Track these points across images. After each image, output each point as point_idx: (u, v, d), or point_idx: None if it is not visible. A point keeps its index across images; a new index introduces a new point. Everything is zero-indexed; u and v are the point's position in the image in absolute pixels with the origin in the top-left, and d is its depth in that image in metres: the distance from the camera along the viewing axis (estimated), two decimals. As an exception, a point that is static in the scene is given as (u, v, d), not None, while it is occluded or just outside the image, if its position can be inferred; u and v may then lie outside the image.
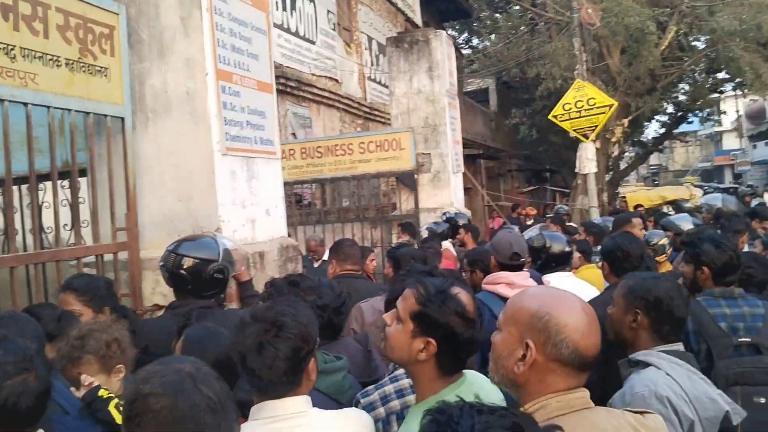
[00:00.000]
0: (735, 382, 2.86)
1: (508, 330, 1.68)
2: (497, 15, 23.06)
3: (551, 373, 1.62)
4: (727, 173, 60.44)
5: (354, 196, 10.67)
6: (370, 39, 16.49)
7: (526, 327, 1.64)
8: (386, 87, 15.74)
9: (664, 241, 5.91)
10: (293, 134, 11.68)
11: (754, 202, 14.26)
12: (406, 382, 2.32)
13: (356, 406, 2.28)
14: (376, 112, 15.76)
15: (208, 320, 2.88)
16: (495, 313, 3.45)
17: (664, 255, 5.77)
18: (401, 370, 2.36)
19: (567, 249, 5.11)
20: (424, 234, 7.56)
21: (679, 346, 2.48)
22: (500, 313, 1.74)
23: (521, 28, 19.53)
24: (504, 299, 3.82)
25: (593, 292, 4.60)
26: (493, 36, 22.60)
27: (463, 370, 1.97)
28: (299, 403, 1.92)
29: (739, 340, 2.99)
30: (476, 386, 1.97)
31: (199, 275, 3.29)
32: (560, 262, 5.04)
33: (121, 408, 2.22)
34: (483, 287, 3.95)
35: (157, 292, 3.93)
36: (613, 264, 3.80)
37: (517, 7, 20.27)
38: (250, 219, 4.39)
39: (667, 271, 5.09)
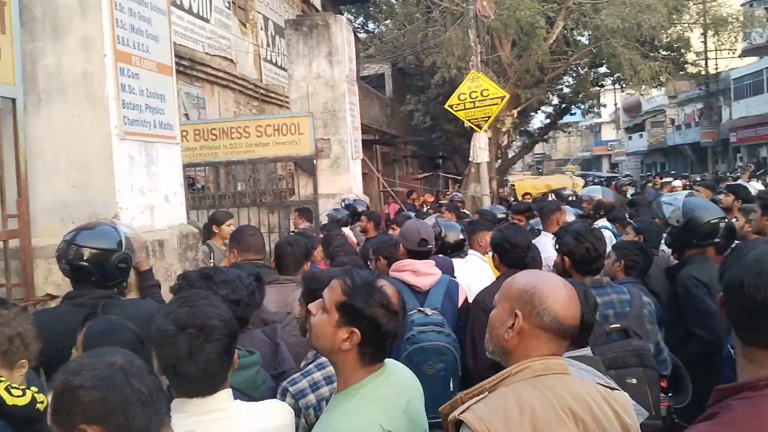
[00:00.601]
0: (610, 366, 3.02)
1: (502, 305, 1.92)
2: (393, 1, 23.23)
3: (535, 339, 1.84)
4: (605, 163, 63.99)
5: (250, 180, 10.51)
6: (266, 19, 16.19)
7: (515, 300, 1.88)
8: (283, 69, 15.55)
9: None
10: (186, 115, 11.31)
11: (630, 191, 15.21)
12: (332, 368, 2.36)
13: (284, 394, 2.30)
14: (273, 95, 15.53)
15: (114, 312, 2.79)
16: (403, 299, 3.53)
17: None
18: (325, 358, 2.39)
19: (461, 237, 5.32)
20: (324, 220, 7.59)
21: (587, 351, 2.62)
22: (497, 292, 1.97)
23: (416, 15, 19.75)
24: (409, 286, 3.93)
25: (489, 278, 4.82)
26: (389, 22, 22.74)
27: (385, 360, 2.02)
28: (224, 397, 1.95)
29: (610, 326, 3.24)
30: (396, 376, 2.03)
31: (103, 266, 3.15)
32: (455, 250, 5.23)
33: (11, 390, 2.22)
34: (390, 274, 4.01)
35: (50, 281, 3.74)
36: (502, 255, 3.97)
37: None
38: (149, 206, 4.26)
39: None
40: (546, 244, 5.14)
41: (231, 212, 7.61)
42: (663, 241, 4.74)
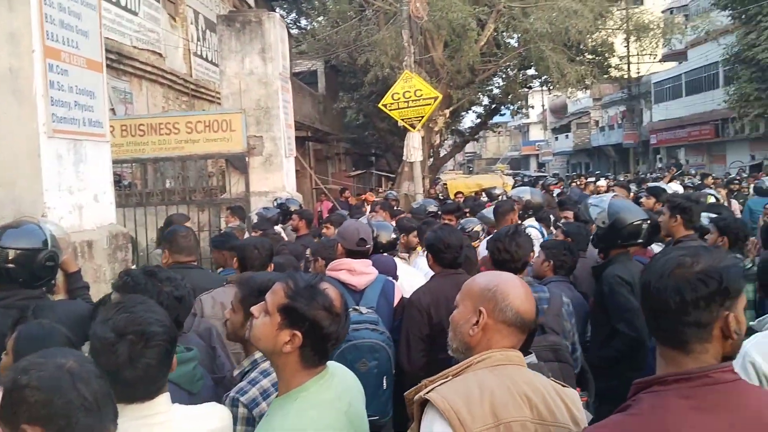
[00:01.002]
0: None
1: (464, 304, 2.03)
2: (326, -2, 23.17)
3: (498, 333, 1.96)
4: (533, 162, 65.60)
5: (179, 177, 10.32)
6: (196, 13, 15.89)
7: (478, 298, 1.99)
8: (214, 64, 15.30)
9: (478, 227, 6.40)
10: (112, 110, 11.00)
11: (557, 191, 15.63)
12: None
13: (235, 404, 2.28)
14: (203, 90, 15.26)
15: (45, 314, 2.71)
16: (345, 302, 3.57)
17: (478, 240, 6.20)
18: (267, 363, 2.39)
19: (393, 236, 5.39)
20: (254, 219, 7.52)
21: (532, 358, 2.71)
22: (458, 293, 2.08)
23: (350, 13, 19.76)
24: (345, 285, 3.96)
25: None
26: (321, 19, 22.66)
27: (327, 363, 2.04)
28: (163, 401, 1.95)
29: None
30: (338, 378, 2.05)
31: (29, 266, 3.06)
32: (387, 249, 5.29)
33: None
34: (326, 274, 4.04)
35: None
36: (436, 255, 4.04)
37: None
38: (78, 205, 4.15)
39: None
40: None
41: (161, 210, 7.48)
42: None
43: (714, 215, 5.40)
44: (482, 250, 5.12)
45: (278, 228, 7.48)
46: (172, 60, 14.11)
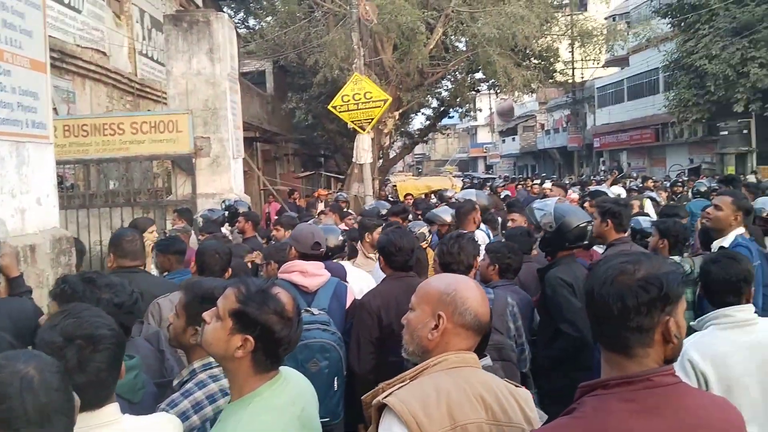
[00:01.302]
0: None
1: (421, 308, 2.03)
2: (275, -2, 23.02)
3: (456, 337, 1.98)
4: (481, 164, 66.43)
5: (123, 179, 10.12)
6: (142, 12, 15.60)
7: (437, 303, 2.00)
8: (160, 64, 15.03)
9: (425, 229, 6.48)
10: (54, 110, 10.71)
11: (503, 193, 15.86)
12: (215, 386, 2.34)
13: None
14: (148, 90, 14.99)
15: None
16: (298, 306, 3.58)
17: (425, 242, 6.28)
18: (205, 374, 2.37)
19: (340, 239, 5.40)
20: (200, 221, 7.43)
21: (487, 361, 2.77)
22: (413, 296, 2.09)
23: (299, 14, 19.69)
24: (297, 287, 3.96)
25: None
26: (270, 19, 22.51)
27: (280, 368, 2.05)
28: (112, 411, 1.92)
29: None
30: (291, 383, 2.06)
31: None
32: (335, 252, 5.31)
33: None
34: (278, 276, 4.06)
35: None
36: (387, 258, 4.08)
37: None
38: (20, 209, 4.05)
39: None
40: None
41: (151, 219, 7.30)
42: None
43: (656, 218, 5.59)
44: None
45: (225, 230, 7.42)
46: (116, 59, 13.82)
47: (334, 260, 5.10)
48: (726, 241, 4.44)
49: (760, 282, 4.36)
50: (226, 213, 7.87)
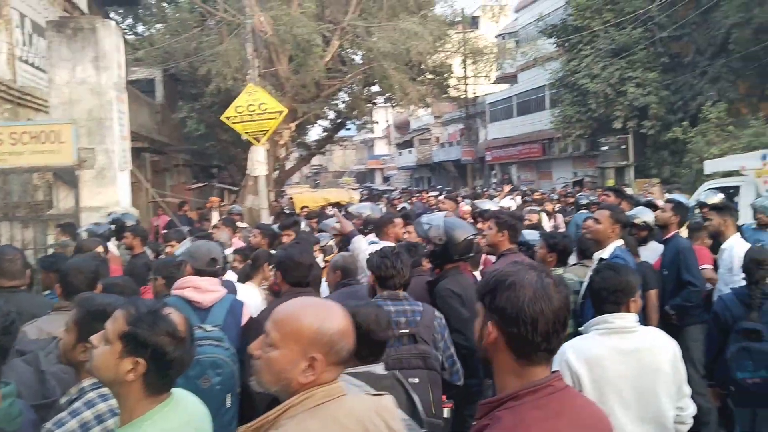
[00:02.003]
0: (394, 367, 3.35)
1: (289, 348, 1.77)
2: (165, 5, 22.40)
3: (327, 373, 1.81)
4: (378, 176, 67.10)
5: (1, 192, 9.52)
6: (22, 16, 14.71)
7: (310, 343, 1.78)
8: (42, 71, 14.26)
9: (332, 242, 6.48)
10: None
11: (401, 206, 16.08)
12: (104, 406, 2.25)
13: None
14: (29, 98, 14.16)
15: None
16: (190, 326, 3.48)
17: (331, 255, 6.28)
18: (95, 393, 2.27)
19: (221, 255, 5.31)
20: (84, 235, 7.10)
21: (373, 368, 2.82)
22: (271, 329, 1.81)
23: (190, 22, 19.25)
24: (191, 303, 3.85)
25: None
26: (160, 26, 21.88)
27: (171, 390, 1.99)
28: None
29: (400, 331, 3.56)
30: (184, 405, 2.01)
31: None
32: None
33: None
34: (171, 293, 3.96)
35: None
36: (285, 273, 4.05)
37: (186, 1, 19.98)
38: None
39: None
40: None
41: (97, 239, 6.83)
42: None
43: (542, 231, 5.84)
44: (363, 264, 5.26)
45: (111, 245, 7.10)
46: (-8, 64, 12.99)
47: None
48: (605, 253, 4.69)
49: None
50: (113, 227, 7.56)
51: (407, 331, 3.57)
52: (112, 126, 9.11)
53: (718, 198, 8.10)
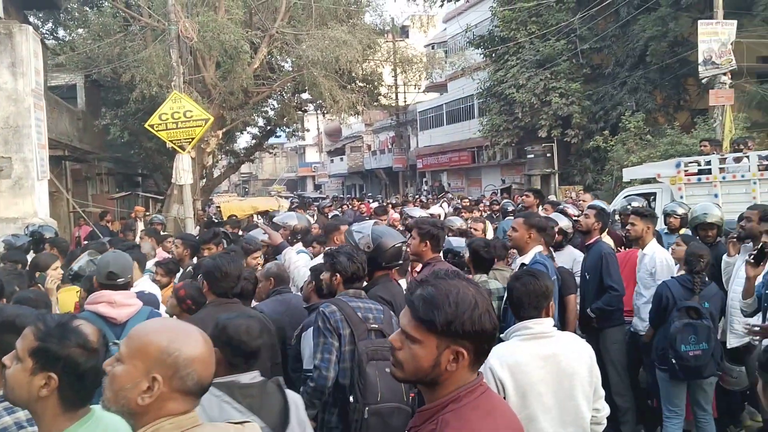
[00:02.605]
0: (372, 357, 3.57)
1: (134, 364, 1.69)
2: (87, 9, 21.74)
3: (172, 402, 1.70)
4: (309, 183, 66.78)
5: None
6: (-69, 16, 14.05)
7: (154, 362, 1.68)
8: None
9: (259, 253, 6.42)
10: None
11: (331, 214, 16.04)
12: (9, 419, 2.22)
13: None
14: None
15: None
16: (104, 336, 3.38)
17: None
18: (0, 407, 2.20)
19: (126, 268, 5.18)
20: (1, 248, 6.82)
21: (238, 377, 2.84)
22: (122, 344, 1.74)
23: (114, 27, 18.74)
24: (105, 318, 3.74)
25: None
26: (82, 31, 21.21)
27: (92, 407, 1.95)
28: None
29: (371, 326, 3.73)
30: (105, 423, 1.95)
31: None
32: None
33: None
34: (85, 307, 3.86)
35: None
36: (212, 284, 3.97)
37: (109, 5, 19.45)
38: None
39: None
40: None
41: (55, 255, 6.42)
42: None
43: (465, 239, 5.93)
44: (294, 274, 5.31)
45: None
46: None
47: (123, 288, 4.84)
48: (527, 258, 4.80)
49: (557, 295, 4.76)
50: (31, 239, 7.26)
51: (376, 326, 3.72)
52: (29, 134, 8.77)
53: (640, 204, 8.43)
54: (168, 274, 5.86)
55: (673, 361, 4.90)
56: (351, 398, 3.54)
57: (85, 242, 9.44)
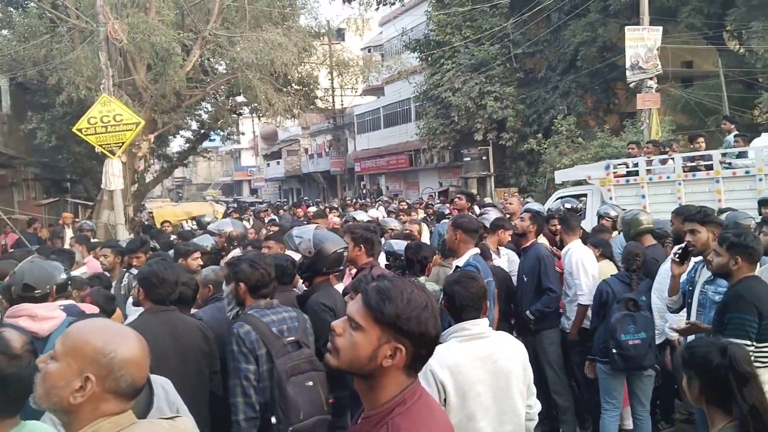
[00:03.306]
0: (292, 374, 3.51)
1: (67, 362, 1.69)
2: (12, 10, 20.92)
3: (104, 402, 1.70)
4: (246, 187, 65.96)
5: None
6: None
7: (88, 362, 1.69)
8: None
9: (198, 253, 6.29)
10: None
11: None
12: None
13: None
14: None
15: None
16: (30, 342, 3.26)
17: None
18: None
19: (64, 277, 5.00)
20: None
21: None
22: (58, 342, 1.73)
23: (40, 29, 18.08)
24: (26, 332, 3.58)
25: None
26: (6, 32, 20.40)
27: (24, 421, 1.89)
28: None
29: (287, 340, 3.65)
30: None
31: None
32: (60, 292, 4.90)
33: None
34: (5, 321, 3.68)
35: None
36: (148, 290, 3.85)
37: (35, 6, 18.76)
38: None
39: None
40: None
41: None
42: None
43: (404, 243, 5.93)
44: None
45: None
46: None
47: (60, 299, 4.66)
48: (461, 261, 4.83)
49: (492, 297, 4.81)
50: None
51: (292, 338, 3.65)
52: (-55, 138, 8.33)
53: (571, 205, 8.67)
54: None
55: (614, 351, 5.08)
56: (273, 419, 3.47)
57: (12, 250, 9.04)
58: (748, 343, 3.70)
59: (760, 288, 3.92)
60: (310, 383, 3.55)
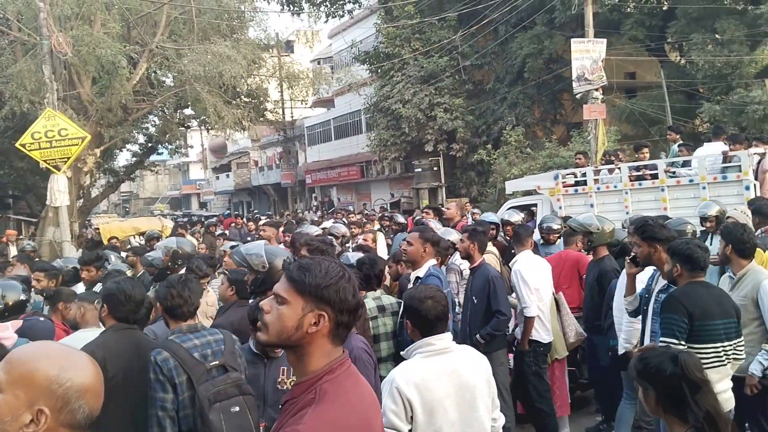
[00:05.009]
0: (216, 400, 3.35)
1: (14, 393, 1.50)
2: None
3: None
4: (194, 201, 64.93)
5: None
6: None
7: (41, 392, 1.51)
8: None
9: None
10: None
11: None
12: None
13: None
14: None
15: None
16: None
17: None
18: None
19: (23, 297, 4.90)
20: None
21: None
22: (1, 369, 1.54)
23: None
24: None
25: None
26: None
27: None
28: None
29: (210, 364, 3.49)
30: None
31: None
32: (17, 312, 4.77)
33: None
34: None
35: None
36: (113, 307, 3.76)
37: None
38: None
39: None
40: None
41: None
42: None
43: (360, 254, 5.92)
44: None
45: None
46: None
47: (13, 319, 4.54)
48: (421, 272, 4.84)
49: (451, 308, 4.83)
50: None
51: (217, 362, 3.51)
52: None
53: (518, 217, 8.76)
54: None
55: (609, 354, 5.47)
56: None
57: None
58: (676, 341, 3.86)
59: (697, 291, 4.05)
60: (236, 408, 3.40)
